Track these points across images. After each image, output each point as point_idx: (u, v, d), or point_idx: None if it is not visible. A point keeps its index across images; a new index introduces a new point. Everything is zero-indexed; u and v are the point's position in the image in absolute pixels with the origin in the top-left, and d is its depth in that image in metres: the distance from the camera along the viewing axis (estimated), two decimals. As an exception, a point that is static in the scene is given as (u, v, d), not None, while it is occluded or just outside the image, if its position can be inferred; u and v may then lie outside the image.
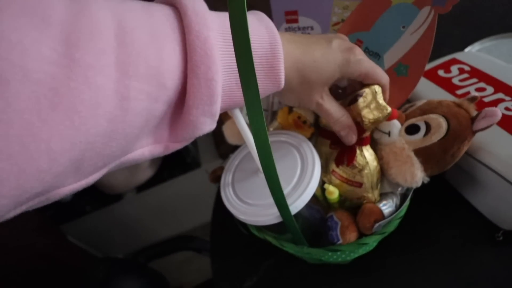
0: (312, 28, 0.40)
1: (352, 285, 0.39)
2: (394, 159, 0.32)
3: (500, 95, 0.38)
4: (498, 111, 0.30)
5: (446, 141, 0.31)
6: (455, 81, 0.43)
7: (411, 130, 0.32)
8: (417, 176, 0.31)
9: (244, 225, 0.37)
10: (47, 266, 0.65)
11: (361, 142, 0.32)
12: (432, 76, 0.45)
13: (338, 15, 0.38)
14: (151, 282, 0.69)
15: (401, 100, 0.36)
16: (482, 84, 0.41)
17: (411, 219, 0.41)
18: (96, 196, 1.11)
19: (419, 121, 0.32)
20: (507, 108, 0.36)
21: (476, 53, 0.50)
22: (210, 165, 1.09)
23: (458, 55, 0.48)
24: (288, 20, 0.42)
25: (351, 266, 0.41)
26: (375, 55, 0.36)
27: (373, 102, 0.29)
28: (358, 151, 0.32)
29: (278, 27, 0.43)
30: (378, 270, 0.39)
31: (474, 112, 0.32)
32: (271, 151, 0.22)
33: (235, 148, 0.39)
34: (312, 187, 0.28)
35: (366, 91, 0.29)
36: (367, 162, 0.31)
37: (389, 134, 0.33)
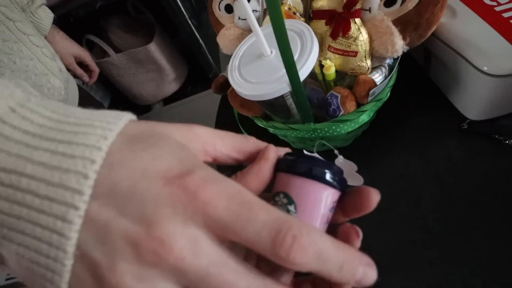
0: None
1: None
2: (376, 31, 0.36)
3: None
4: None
5: (421, 6, 0.34)
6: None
7: (389, 2, 0.36)
8: (397, 44, 0.36)
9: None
10: None
11: (353, 14, 0.35)
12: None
13: None
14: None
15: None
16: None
17: (389, 107, 0.46)
18: (129, 107, 1.28)
19: (396, -7, 0.35)
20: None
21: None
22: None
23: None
24: None
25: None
26: None
27: None
28: (351, 22, 0.35)
29: None
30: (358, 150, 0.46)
31: None
32: (284, 22, 0.26)
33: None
34: (313, 58, 0.32)
35: None
36: (360, 32, 0.36)
37: (369, 10, 0.37)
